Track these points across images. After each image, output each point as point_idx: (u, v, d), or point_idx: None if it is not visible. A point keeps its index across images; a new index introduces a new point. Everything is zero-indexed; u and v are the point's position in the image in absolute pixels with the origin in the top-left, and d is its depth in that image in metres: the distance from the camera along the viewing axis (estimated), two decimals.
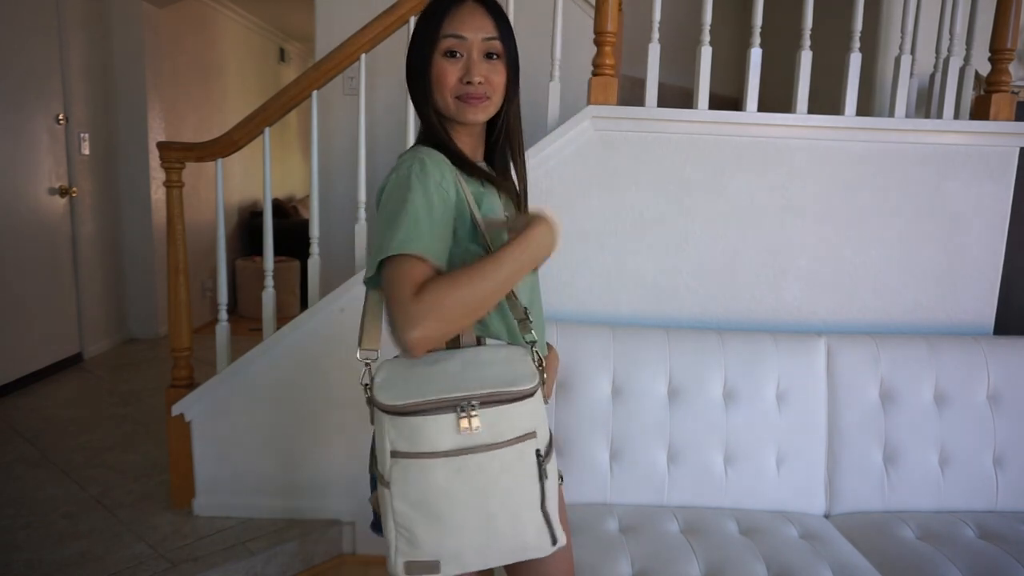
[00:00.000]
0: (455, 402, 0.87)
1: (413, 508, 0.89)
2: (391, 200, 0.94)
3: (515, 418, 0.91)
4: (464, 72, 1.00)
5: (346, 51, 1.99)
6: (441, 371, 0.92)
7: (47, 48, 3.34)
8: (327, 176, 2.88)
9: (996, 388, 1.79)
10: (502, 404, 0.89)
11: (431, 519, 0.89)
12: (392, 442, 0.89)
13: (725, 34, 2.53)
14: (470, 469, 0.88)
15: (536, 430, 0.92)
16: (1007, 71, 1.89)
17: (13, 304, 3.15)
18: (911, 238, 1.94)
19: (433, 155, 0.99)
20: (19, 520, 2.09)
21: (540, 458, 0.92)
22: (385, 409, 0.89)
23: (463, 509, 0.89)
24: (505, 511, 0.90)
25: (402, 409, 0.88)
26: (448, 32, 0.99)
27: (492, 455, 0.89)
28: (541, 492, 0.92)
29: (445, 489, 0.88)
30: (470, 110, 1.01)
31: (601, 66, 1.84)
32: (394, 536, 0.91)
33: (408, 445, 0.88)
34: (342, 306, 2.01)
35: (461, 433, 0.87)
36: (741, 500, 1.72)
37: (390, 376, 0.93)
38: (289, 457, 2.11)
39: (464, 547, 0.90)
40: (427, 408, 0.87)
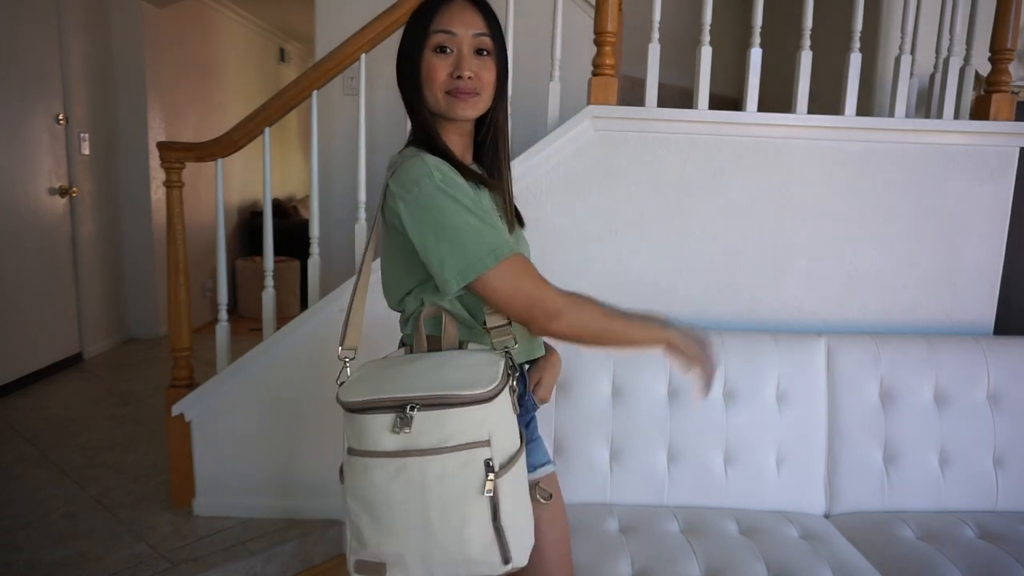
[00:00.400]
0: (399, 402, 0.87)
1: (360, 506, 0.90)
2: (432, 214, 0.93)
3: (463, 424, 0.88)
4: (454, 67, 1.00)
5: (346, 51, 1.99)
6: (407, 371, 0.94)
7: (47, 48, 3.34)
8: (327, 176, 2.88)
9: (996, 388, 1.79)
10: (447, 408, 0.87)
11: (374, 519, 0.89)
12: (348, 439, 0.92)
13: (725, 34, 2.53)
14: (410, 472, 0.87)
15: (491, 439, 0.89)
16: (1007, 71, 1.89)
17: (13, 304, 3.15)
18: (911, 238, 1.94)
19: (443, 163, 0.98)
20: (19, 520, 2.09)
21: (490, 469, 0.88)
22: (341, 405, 0.92)
23: (401, 512, 0.88)
24: (445, 520, 0.88)
25: (353, 406, 0.90)
26: (438, 28, 0.99)
27: (433, 459, 0.87)
28: (493, 505, 0.88)
29: (384, 490, 0.88)
30: (460, 105, 1.01)
31: (601, 66, 1.84)
32: (348, 533, 0.93)
33: (357, 443, 0.90)
34: (342, 306, 2.01)
35: (400, 434, 0.87)
36: (741, 500, 1.72)
37: (361, 375, 0.96)
38: (289, 457, 2.11)
39: (405, 552, 0.89)
40: (373, 407, 0.88)
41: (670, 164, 1.90)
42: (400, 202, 0.95)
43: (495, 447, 0.89)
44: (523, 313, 0.94)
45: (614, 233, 1.92)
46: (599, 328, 0.98)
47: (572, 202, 1.91)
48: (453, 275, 0.93)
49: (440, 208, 0.93)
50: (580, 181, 1.90)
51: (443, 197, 0.93)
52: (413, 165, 0.96)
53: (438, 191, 0.93)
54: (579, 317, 0.96)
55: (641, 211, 1.91)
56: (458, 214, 0.93)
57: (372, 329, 1.79)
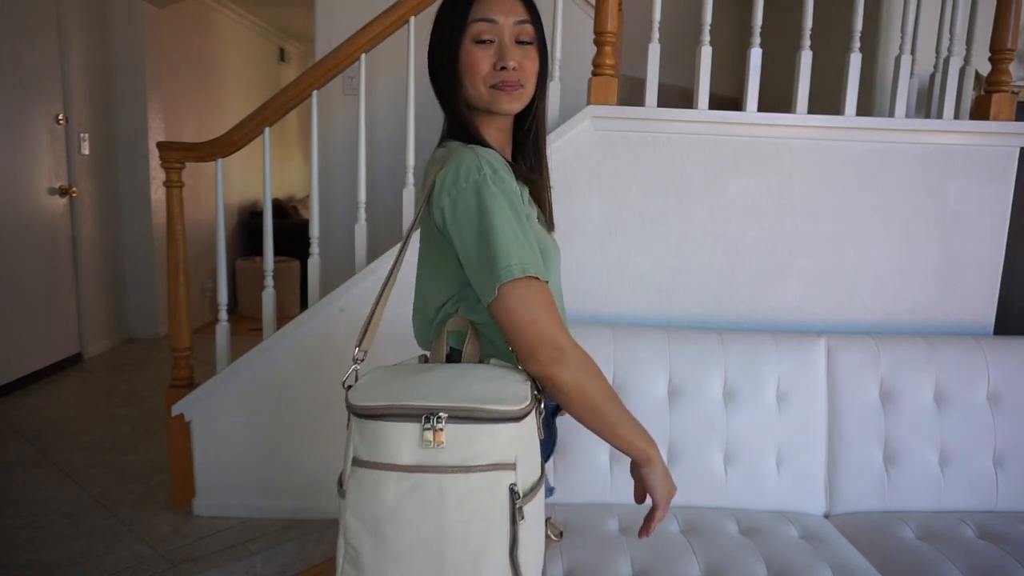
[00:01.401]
0: (423, 411, 0.78)
1: (362, 525, 0.80)
2: (479, 214, 0.86)
3: (490, 443, 0.79)
4: (497, 58, 0.93)
5: (346, 51, 1.99)
6: (426, 380, 0.85)
7: (47, 48, 3.34)
8: (327, 176, 2.88)
9: (996, 388, 1.79)
10: (477, 423, 0.79)
11: (378, 541, 0.80)
12: (355, 448, 0.82)
13: (725, 34, 2.53)
14: (427, 490, 0.78)
15: (516, 463, 0.81)
16: (1007, 71, 1.89)
17: (13, 304, 3.15)
18: (911, 238, 1.94)
19: (497, 157, 0.92)
20: (19, 520, 2.09)
21: (515, 495, 0.80)
22: (352, 410, 0.82)
23: (412, 535, 0.79)
24: (462, 547, 0.79)
25: (367, 411, 0.80)
26: (478, 16, 0.93)
27: (456, 479, 0.78)
28: (512, 535, 0.80)
29: (395, 510, 0.79)
30: (505, 98, 0.94)
31: (601, 66, 1.84)
32: (341, 555, 0.83)
33: (368, 453, 0.80)
34: (342, 306, 2.02)
35: (423, 447, 0.78)
36: (741, 500, 1.72)
37: (372, 379, 0.87)
38: (289, 457, 2.11)
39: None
40: (392, 413, 0.79)
41: (670, 164, 1.90)
42: (446, 196, 0.88)
43: (520, 472, 0.81)
44: (531, 345, 0.84)
45: (614, 233, 1.92)
46: (598, 398, 0.88)
47: (572, 202, 1.91)
48: (486, 283, 0.85)
49: (487, 205, 0.86)
50: (580, 181, 1.90)
51: (491, 192, 0.87)
52: (465, 157, 0.89)
53: (488, 185, 0.87)
54: (585, 376, 0.87)
55: (641, 211, 1.91)
56: (500, 216, 0.86)
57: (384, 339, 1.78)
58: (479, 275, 0.86)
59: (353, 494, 0.81)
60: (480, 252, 0.85)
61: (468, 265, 0.88)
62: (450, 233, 0.89)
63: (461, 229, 0.87)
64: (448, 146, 0.97)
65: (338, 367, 2.04)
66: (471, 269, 0.88)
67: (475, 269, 0.87)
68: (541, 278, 0.85)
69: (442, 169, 0.90)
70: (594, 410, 0.88)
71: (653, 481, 0.95)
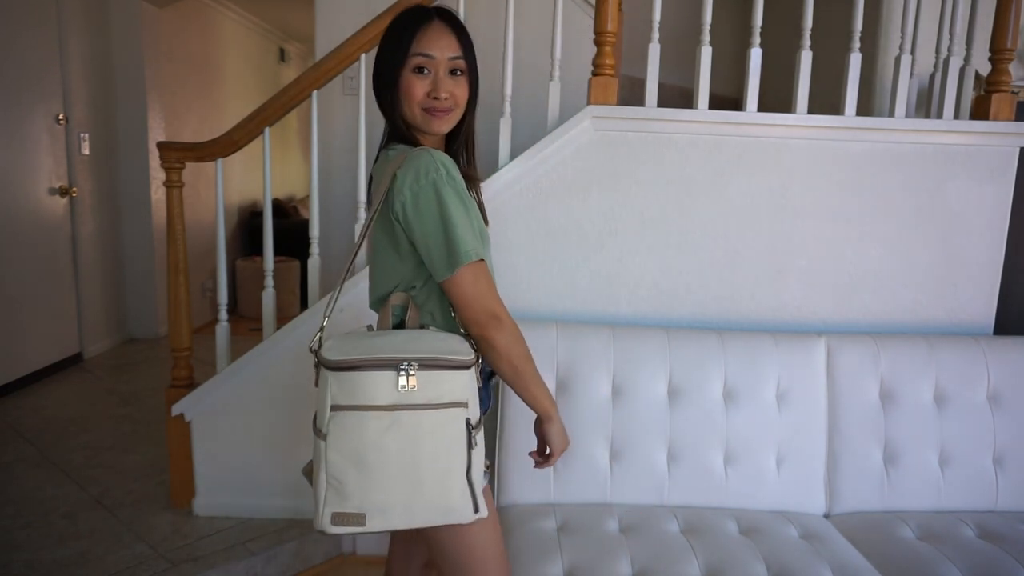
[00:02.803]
0: (396, 361, 0.97)
1: (345, 459, 0.97)
2: (438, 205, 1.02)
3: (450, 385, 1.00)
4: (432, 88, 1.09)
5: (346, 51, 1.99)
6: (387, 340, 1.02)
7: (47, 48, 3.34)
8: (327, 176, 2.88)
9: (996, 388, 1.79)
10: (439, 369, 0.99)
11: (362, 470, 0.96)
12: (333, 396, 0.98)
13: (725, 34, 2.53)
14: (403, 425, 0.97)
15: (468, 402, 1.02)
16: (1007, 71, 1.89)
17: (13, 304, 3.15)
18: (911, 238, 1.94)
19: (449, 159, 1.07)
20: (19, 520, 2.09)
21: (470, 427, 1.01)
22: (329, 365, 0.98)
23: (393, 463, 0.97)
24: (432, 470, 0.98)
25: (345, 364, 0.97)
26: (418, 51, 1.09)
27: (426, 414, 0.98)
28: (468, 459, 1.01)
29: (377, 442, 0.96)
30: (436, 122, 1.11)
31: (601, 66, 1.84)
32: (324, 488, 0.98)
33: (348, 398, 0.97)
34: (342, 306, 2.01)
35: (399, 390, 0.97)
36: (741, 500, 1.72)
37: (337, 343, 1.02)
38: (289, 457, 2.11)
39: (391, 502, 0.98)
40: (369, 364, 0.97)
41: (670, 164, 1.90)
42: (407, 191, 1.03)
43: (471, 409, 1.02)
44: (477, 315, 1.04)
45: (614, 233, 1.92)
46: (522, 360, 1.08)
47: (572, 202, 1.91)
48: (445, 264, 1.03)
49: (441, 201, 1.02)
50: (580, 181, 1.90)
51: (445, 191, 1.03)
52: (422, 157, 1.04)
53: (444, 184, 1.03)
54: (516, 340, 1.07)
55: (641, 211, 1.91)
56: (456, 209, 1.03)
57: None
58: (437, 258, 1.03)
59: (335, 434, 0.97)
60: (439, 239, 1.03)
61: (426, 249, 1.05)
62: (410, 223, 1.04)
63: (422, 219, 1.03)
64: (397, 149, 1.12)
65: None
66: (429, 252, 1.04)
67: (433, 253, 1.04)
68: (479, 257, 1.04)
69: (401, 168, 1.05)
70: (516, 369, 1.08)
71: (553, 435, 1.17)
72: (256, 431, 2.10)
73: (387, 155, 1.13)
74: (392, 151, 1.13)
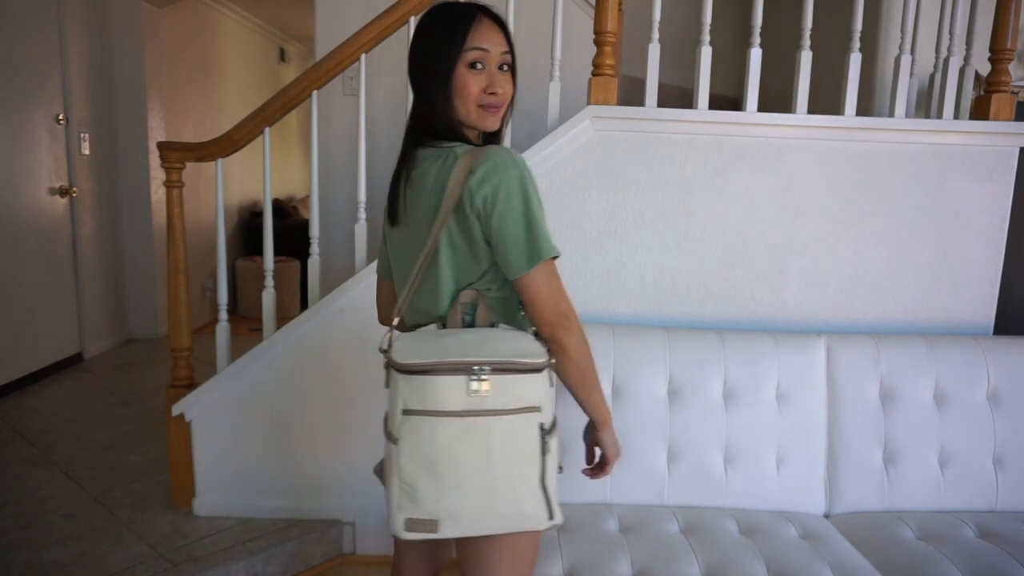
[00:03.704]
0: (467, 365, 0.95)
1: (418, 465, 0.95)
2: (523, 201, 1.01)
3: (524, 390, 0.98)
4: (488, 83, 1.07)
5: (346, 51, 1.99)
6: (457, 341, 1.00)
7: (47, 48, 3.34)
8: (327, 176, 2.88)
9: (996, 388, 1.79)
10: (512, 373, 0.96)
11: (434, 476, 0.95)
12: (404, 400, 0.97)
13: (725, 34, 2.53)
14: (476, 431, 0.95)
15: (542, 406, 0.99)
16: (1007, 71, 1.89)
17: (13, 304, 3.15)
18: (911, 238, 1.94)
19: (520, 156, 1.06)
20: (19, 520, 2.09)
21: (544, 432, 0.99)
22: (400, 368, 0.96)
23: (465, 470, 0.95)
24: (505, 477, 0.96)
25: (416, 368, 0.96)
26: (474, 45, 1.05)
27: (499, 420, 0.96)
28: (542, 466, 0.99)
29: (449, 449, 0.95)
30: (490, 118, 1.09)
31: (601, 66, 1.84)
32: (397, 493, 0.96)
33: (419, 403, 0.96)
34: (342, 306, 2.02)
35: (470, 395, 0.95)
36: (741, 500, 1.72)
37: (407, 343, 1.00)
38: (289, 457, 2.11)
39: (463, 508, 0.96)
40: (440, 368, 0.95)
41: (670, 164, 1.90)
42: (489, 185, 1.00)
43: (544, 414, 1.00)
44: (549, 314, 1.02)
45: (614, 233, 1.92)
46: (588, 364, 1.07)
47: (572, 202, 1.91)
48: (525, 260, 1.01)
49: (526, 196, 1.01)
50: (580, 181, 1.90)
51: (529, 187, 1.02)
52: (501, 153, 1.03)
53: (527, 179, 1.02)
54: (584, 342, 1.05)
55: (641, 211, 1.91)
56: (537, 206, 1.02)
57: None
58: (516, 254, 1.01)
59: (409, 440, 0.96)
60: (521, 234, 1.00)
61: (505, 244, 1.01)
62: (491, 218, 1.01)
63: (505, 214, 1.00)
64: (454, 147, 1.07)
65: (339, 367, 2.05)
66: (507, 248, 1.01)
67: (512, 249, 1.01)
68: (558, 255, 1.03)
69: (480, 163, 1.02)
70: (582, 373, 1.06)
71: (610, 442, 1.16)
72: (256, 431, 2.10)
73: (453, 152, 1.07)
74: (458, 148, 1.07)
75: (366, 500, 2.10)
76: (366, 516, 2.11)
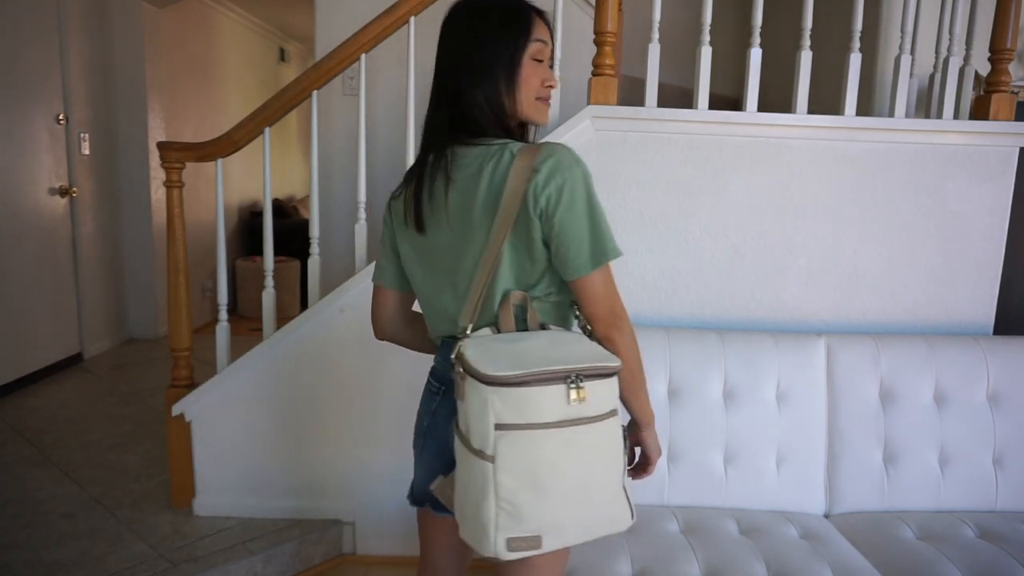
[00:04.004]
0: (565, 374, 0.90)
1: (520, 481, 0.89)
2: (587, 200, 1.00)
3: (608, 393, 0.95)
4: (546, 76, 1.07)
5: (346, 51, 1.99)
6: (530, 347, 0.96)
7: (47, 48, 3.34)
8: (327, 176, 2.88)
9: (996, 388, 1.79)
10: (600, 378, 0.93)
11: (538, 491, 0.89)
12: (497, 415, 0.89)
13: (725, 34, 2.53)
14: (577, 440, 0.91)
15: (618, 409, 0.98)
16: (1007, 71, 1.89)
17: (13, 304, 3.15)
18: (911, 238, 1.94)
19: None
20: (19, 520, 2.09)
21: (624, 433, 0.99)
22: (491, 381, 0.89)
23: (570, 480, 0.91)
24: (600, 482, 0.94)
25: (510, 380, 0.89)
26: (539, 37, 1.05)
27: (595, 427, 0.92)
28: (623, 467, 0.98)
29: (553, 460, 0.90)
30: (545, 112, 1.09)
31: (601, 66, 1.84)
32: (494, 512, 0.90)
33: (516, 416, 0.89)
34: (342, 306, 2.02)
35: (570, 404, 0.90)
36: (741, 500, 1.72)
37: (483, 352, 0.94)
38: (289, 457, 2.11)
39: (568, 520, 0.92)
40: (536, 379, 0.89)
41: (670, 164, 1.90)
42: (554, 184, 0.98)
43: (620, 415, 0.98)
44: (605, 313, 1.01)
45: (614, 233, 1.92)
46: (638, 364, 1.06)
47: None
48: (588, 258, 0.99)
49: (590, 195, 1.00)
50: None
51: (591, 186, 1.01)
52: (563, 150, 1.00)
53: (588, 179, 1.01)
54: (633, 341, 1.05)
55: (641, 211, 1.91)
56: (598, 205, 1.02)
57: None
58: (578, 254, 0.99)
59: (505, 455, 0.89)
60: (585, 234, 0.99)
61: (567, 244, 0.99)
62: (556, 217, 0.98)
63: (569, 214, 0.98)
64: (501, 143, 1.03)
65: (338, 367, 2.05)
66: (569, 248, 0.99)
67: (574, 248, 0.99)
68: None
69: (543, 162, 0.98)
70: (632, 372, 1.04)
71: (652, 441, 1.14)
72: (256, 431, 2.10)
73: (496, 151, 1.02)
74: (493, 146, 1.03)
75: (366, 500, 2.10)
76: (366, 516, 2.11)
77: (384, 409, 2.04)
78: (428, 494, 1.10)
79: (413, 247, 1.12)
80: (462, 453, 0.95)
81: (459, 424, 0.97)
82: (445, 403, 1.10)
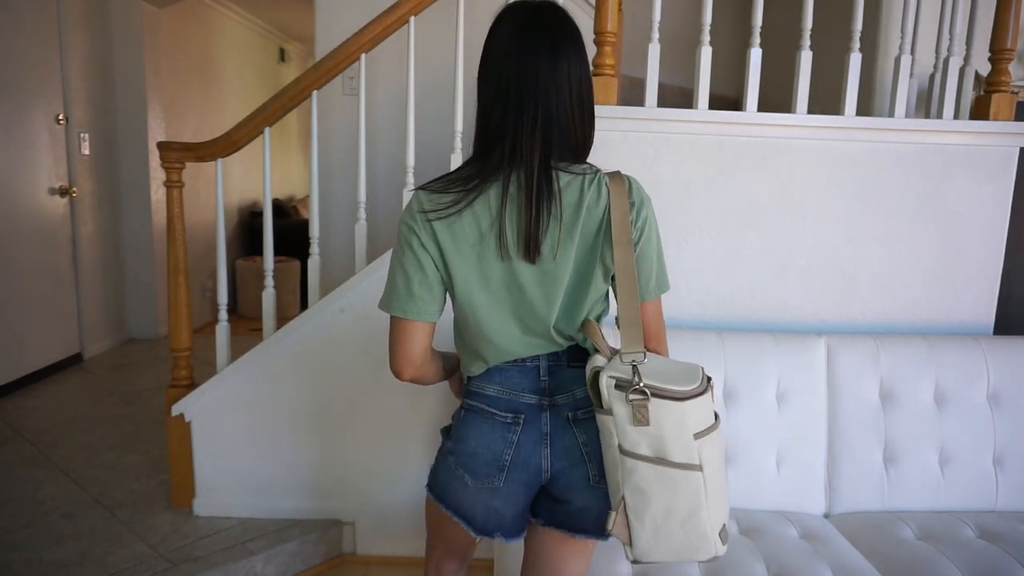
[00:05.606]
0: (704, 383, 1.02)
1: (720, 475, 1.01)
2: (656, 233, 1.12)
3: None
4: None
5: (346, 51, 1.99)
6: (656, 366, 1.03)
7: (47, 48, 3.34)
8: (327, 176, 2.88)
9: (996, 388, 1.79)
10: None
11: (726, 479, 1.04)
12: (695, 425, 0.99)
13: (725, 34, 2.53)
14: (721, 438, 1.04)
15: None
16: (1007, 71, 1.89)
17: (13, 304, 3.15)
18: (911, 238, 1.94)
19: None
20: (19, 520, 2.09)
21: None
22: (684, 396, 0.98)
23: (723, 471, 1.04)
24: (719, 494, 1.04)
25: (694, 392, 0.99)
26: None
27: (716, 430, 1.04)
28: None
29: (721, 457, 1.04)
30: None
31: (601, 66, 1.84)
32: (707, 514, 0.98)
33: (703, 423, 1.00)
34: (342, 306, 2.02)
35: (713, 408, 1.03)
36: (741, 500, 1.72)
37: (656, 371, 1.01)
38: (289, 457, 2.11)
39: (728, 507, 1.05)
40: (703, 390, 1.00)
41: (670, 164, 1.90)
42: (641, 215, 1.08)
43: None
44: (659, 331, 1.14)
45: None
46: None
47: None
48: (656, 287, 1.11)
49: (657, 229, 1.13)
50: None
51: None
52: (639, 183, 1.11)
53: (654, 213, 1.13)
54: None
55: None
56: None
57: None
58: (655, 278, 1.11)
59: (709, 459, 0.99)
60: (655, 264, 1.11)
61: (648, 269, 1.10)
62: (638, 245, 1.08)
63: (647, 244, 1.09)
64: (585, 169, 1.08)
65: (338, 367, 2.05)
66: (650, 272, 1.10)
67: (653, 273, 1.11)
68: None
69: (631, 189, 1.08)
70: None
71: None
72: (256, 431, 2.10)
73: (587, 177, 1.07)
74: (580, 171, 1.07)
75: (366, 500, 2.10)
76: (366, 516, 2.11)
77: (384, 409, 2.04)
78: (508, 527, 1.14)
79: (484, 273, 1.04)
80: (654, 473, 0.97)
81: (629, 448, 0.98)
82: (529, 431, 1.09)
